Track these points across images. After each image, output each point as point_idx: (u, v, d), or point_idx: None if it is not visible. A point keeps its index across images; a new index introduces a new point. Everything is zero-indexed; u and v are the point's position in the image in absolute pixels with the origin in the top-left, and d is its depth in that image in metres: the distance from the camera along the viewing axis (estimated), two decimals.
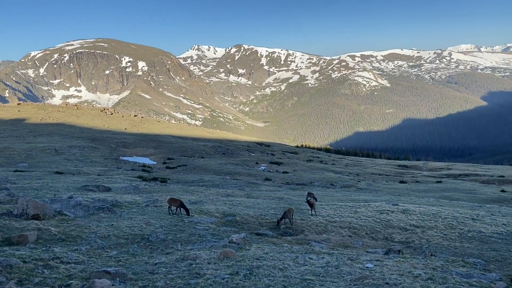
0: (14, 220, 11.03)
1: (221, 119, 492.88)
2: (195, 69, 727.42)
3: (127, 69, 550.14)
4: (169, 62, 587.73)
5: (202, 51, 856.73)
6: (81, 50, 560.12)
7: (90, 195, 18.48)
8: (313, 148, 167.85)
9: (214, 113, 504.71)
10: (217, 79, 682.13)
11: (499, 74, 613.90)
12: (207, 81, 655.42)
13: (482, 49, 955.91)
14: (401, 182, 73.02)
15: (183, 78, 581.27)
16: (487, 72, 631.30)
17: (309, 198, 24.96)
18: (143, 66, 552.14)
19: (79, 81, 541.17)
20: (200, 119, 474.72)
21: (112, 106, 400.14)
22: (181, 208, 15.91)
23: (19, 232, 9.65)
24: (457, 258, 9.99)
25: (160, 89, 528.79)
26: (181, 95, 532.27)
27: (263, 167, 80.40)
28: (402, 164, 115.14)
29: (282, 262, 8.09)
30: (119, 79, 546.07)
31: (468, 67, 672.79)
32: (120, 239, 10.49)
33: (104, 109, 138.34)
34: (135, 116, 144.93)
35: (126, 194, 20.99)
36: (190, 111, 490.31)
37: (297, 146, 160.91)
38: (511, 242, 14.90)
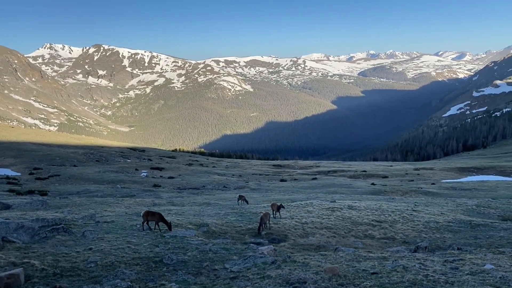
0: None
1: (80, 124, 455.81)
2: (48, 69, 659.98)
3: None
4: (16, 61, 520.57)
5: (56, 50, 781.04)
6: None
7: (5, 214, 14.73)
8: (188, 152, 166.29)
9: (72, 118, 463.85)
10: (74, 81, 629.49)
11: (345, 81, 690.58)
12: (63, 82, 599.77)
13: (331, 58, 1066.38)
14: (282, 180, 76.64)
15: (33, 79, 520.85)
16: (335, 79, 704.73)
17: (240, 201, 24.32)
18: None
19: None
20: (56, 124, 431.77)
21: None
22: (160, 223, 13.72)
23: None
24: (488, 250, 10.49)
25: (6, 91, 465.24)
26: (32, 98, 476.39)
27: (145, 173, 76.74)
28: (276, 164, 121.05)
29: (409, 274, 7.04)
30: None
31: (320, 74, 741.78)
32: (134, 266, 8.44)
33: None
34: None
35: (39, 211, 17.46)
36: (43, 116, 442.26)
37: (173, 150, 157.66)
38: (473, 229, 16.48)
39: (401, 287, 6.68)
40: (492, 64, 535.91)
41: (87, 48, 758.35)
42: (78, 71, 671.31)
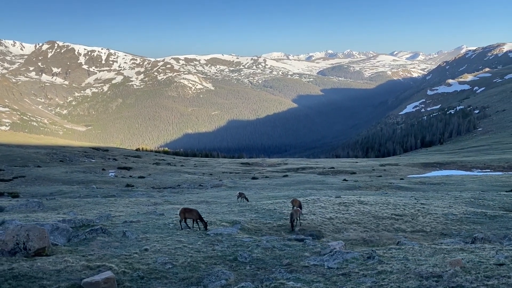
0: (14, 261, 7.18)
1: (34, 124, 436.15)
2: None
3: None
4: None
5: (6, 46, 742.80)
6: None
7: (3, 217, 13.56)
8: (153, 151, 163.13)
9: (25, 117, 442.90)
10: (27, 79, 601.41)
11: (305, 80, 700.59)
12: (14, 80, 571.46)
13: (290, 57, 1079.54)
14: (253, 178, 76.46)
15: None
16: (296, 77, 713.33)
17: (239, 199, 23.96)
18: None
19: None
20: (7, 124, 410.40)
21: None
22: (198, 221, 13.06)
23: (73, 280, 6.24)
24: None
25: None
26: None
27: (113, 173, 74.59)
28: (244, 162, 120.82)
29: None
30: None
31: (280, 73, 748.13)
32: (213, 265, 7.91)
33: None
34: None
35: (37, 212, 16.29)
36: None
37: (136, 149, 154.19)
38: (493, 220, 16.88)
39: None
40: (444, 63, 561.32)
41: (40, 44, 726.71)
42: (31, 68, 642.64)
